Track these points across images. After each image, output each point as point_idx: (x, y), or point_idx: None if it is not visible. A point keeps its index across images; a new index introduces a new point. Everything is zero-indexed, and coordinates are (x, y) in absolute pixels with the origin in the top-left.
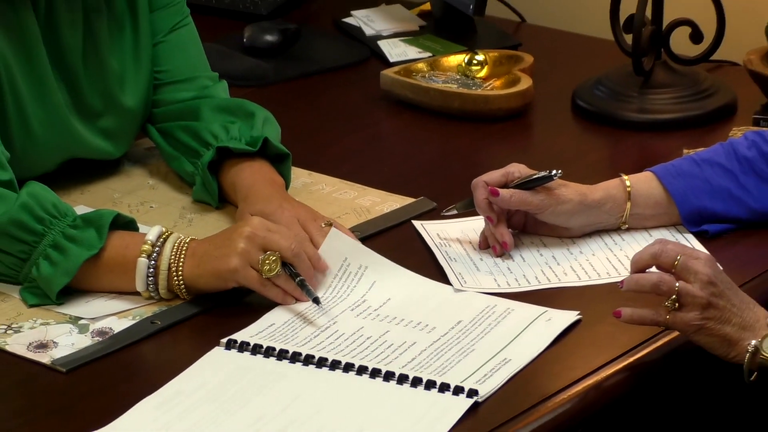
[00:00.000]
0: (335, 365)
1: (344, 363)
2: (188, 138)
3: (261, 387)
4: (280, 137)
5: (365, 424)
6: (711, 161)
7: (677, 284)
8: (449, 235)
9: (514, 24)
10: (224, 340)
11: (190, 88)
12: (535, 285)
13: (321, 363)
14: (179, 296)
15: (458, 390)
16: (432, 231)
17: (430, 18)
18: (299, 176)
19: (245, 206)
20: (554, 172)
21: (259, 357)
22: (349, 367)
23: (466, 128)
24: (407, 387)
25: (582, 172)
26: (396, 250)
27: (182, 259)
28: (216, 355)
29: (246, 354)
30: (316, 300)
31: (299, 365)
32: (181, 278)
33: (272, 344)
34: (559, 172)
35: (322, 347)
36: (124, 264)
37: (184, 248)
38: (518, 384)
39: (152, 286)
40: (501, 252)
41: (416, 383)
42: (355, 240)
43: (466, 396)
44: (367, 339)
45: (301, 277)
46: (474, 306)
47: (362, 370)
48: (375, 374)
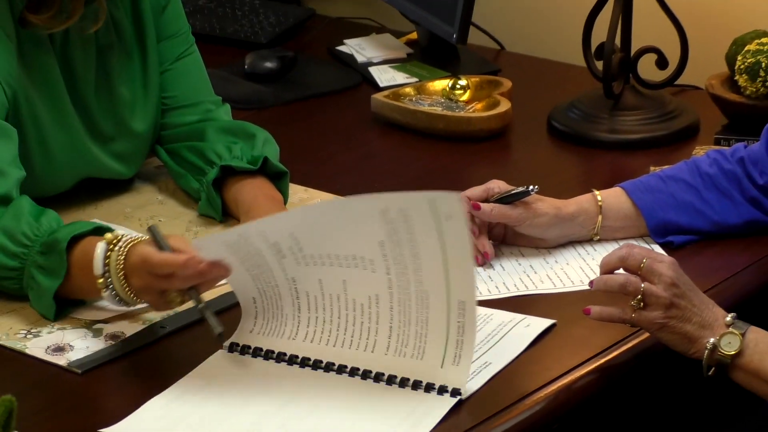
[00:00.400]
0: (329, 367)
1: (337, 365)
2: (194, 157)
3: (261, 387)
4: (279, 156)
5: (357, 422)
6: (675, 177)
7: (642, 285)
8: None
9: (494, 52)
10: (227, 344)
11: (196, 112)
12: (515, 292)
13: (316, 365)
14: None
15: (443, 390)
16: None
17: (417, 46)
18: (296, 192)
19: (247, 220)
20: (531, 188)
21: (259, 359)
22: (342, 369)
23: (450, 147)
24: (395, 387)
25: (557, 188)
26: None
27: (126, 285)
28: (219, 358)
29: (247, 356)
30: (220, 335)
31: (296, 367)
32: (136, 298)
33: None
34: (536, 188)
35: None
36: (90, 284)
37: (122, 276)
38: (498, 383)
39: (125, 305)
40: (483, 262)
41: (404, 383)
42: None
43: (450, 395)
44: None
45: (203, 305)
46: None
47: (353, 372)
48: (365, 375)
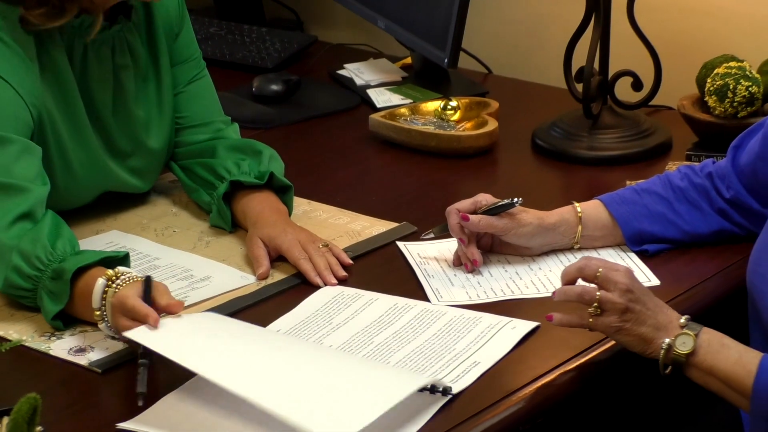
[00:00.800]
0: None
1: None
2: (205, 173)
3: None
4: (284, 172)
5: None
6: (649, 191)
7: (598, 293)
8: (428, 255)
9: (482, 75)
10: None
11: (207, 131)
12: (501, 296)
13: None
14: None
15: (434, 388)
16: (413, 251)
17: (411, 70)
18: (300, 204)
19: (254, 230)
20: (515, 200)
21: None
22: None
23: (442, 163)
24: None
25: (540, 201)
26: (382, 267)
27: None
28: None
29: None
30: (141, 394)
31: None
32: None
33: None
34: (520, 200)
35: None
36: (90, 311)
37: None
38: (487, 381)
39: (120, 337)
40: (472, 269)
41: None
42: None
43: (442, 393)
44: (359, 342)
45: (143, 361)
46: (448, 316)
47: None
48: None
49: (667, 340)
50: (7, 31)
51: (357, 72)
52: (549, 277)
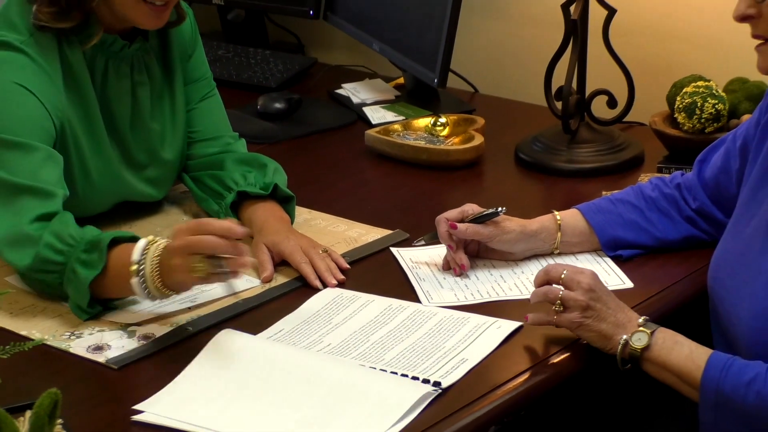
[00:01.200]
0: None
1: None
2: (215, 184)
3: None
4: (287, 183)
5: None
6: (623, 200)
7: (561, 292)
8: (419, 260)
9: (469, 94)
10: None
11: (216, 145)
12: (487, 298)
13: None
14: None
15: (426, 382)
16: (406, 256)
17: (404, 89)
18: (301, 213)
19: (259, 237)
20: (500, 209)
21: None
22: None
23: (432, 175)
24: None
25: (522, 210)
26: (377, 271)
27: (157, 273)
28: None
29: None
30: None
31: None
32: (163, 287)
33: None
34: (504, 209)
35: (320, 349)
36: (124, 279)
37: (157, 263)
38: (475, 376)
39: (148, 294)
40: (460, 273)
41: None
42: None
43: (433, 387)
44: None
45: (225, 269)
46: (438, 316)
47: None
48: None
49: (625, 337)
50: (36, 49)
51: (354, 91)
52: (531, 280)
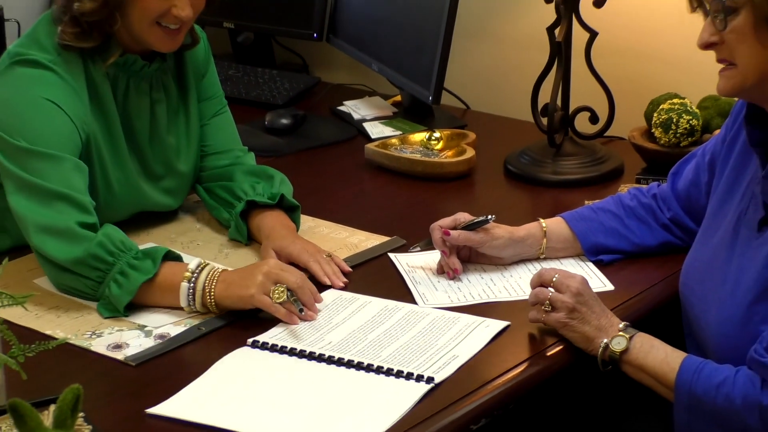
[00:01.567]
0: (330, 360)
1: (336, 357)
2: (225, 194)
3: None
4: (293, 193)
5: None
6: (604, 209)
7: (550, 294)
8: (415, 264)
9: (462, 110)
10: (250, 341)
11: (227, 158)
12: (478, 300)
13: (320, 358)
14: (211, 311)
15: (419, 377)
16: (402, 261)
17: (401, 106)
18: (306, 221)
19: (268, 243)
20: (489, 217)
21: (275, 354)
22: (340, 361)
23: (427, 186)
24: (381, 375)
25: (511, 218)
26: (377, 275)
27: (214, 284)
28: (243, 351)
29: (266, 351)
30: (301, 310)
31: (304, 360)
32: (213, 298)
33: (284, 344)
34: (493, 217)
35: (321, 346)
36: (172, 286)
37: (216, 276)
38: (465, 372)
39: (192, 303)
40: (453, 276)
41: (388, 373)
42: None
43: (425, 382)
44: (355, 339)
45: (296, 298)
46: (431, 316)
47: (349, 364)
48: (359, 366)
49: (605, 340)
50: (64, 67)
51: (354, 108)
52: (519, 283)
